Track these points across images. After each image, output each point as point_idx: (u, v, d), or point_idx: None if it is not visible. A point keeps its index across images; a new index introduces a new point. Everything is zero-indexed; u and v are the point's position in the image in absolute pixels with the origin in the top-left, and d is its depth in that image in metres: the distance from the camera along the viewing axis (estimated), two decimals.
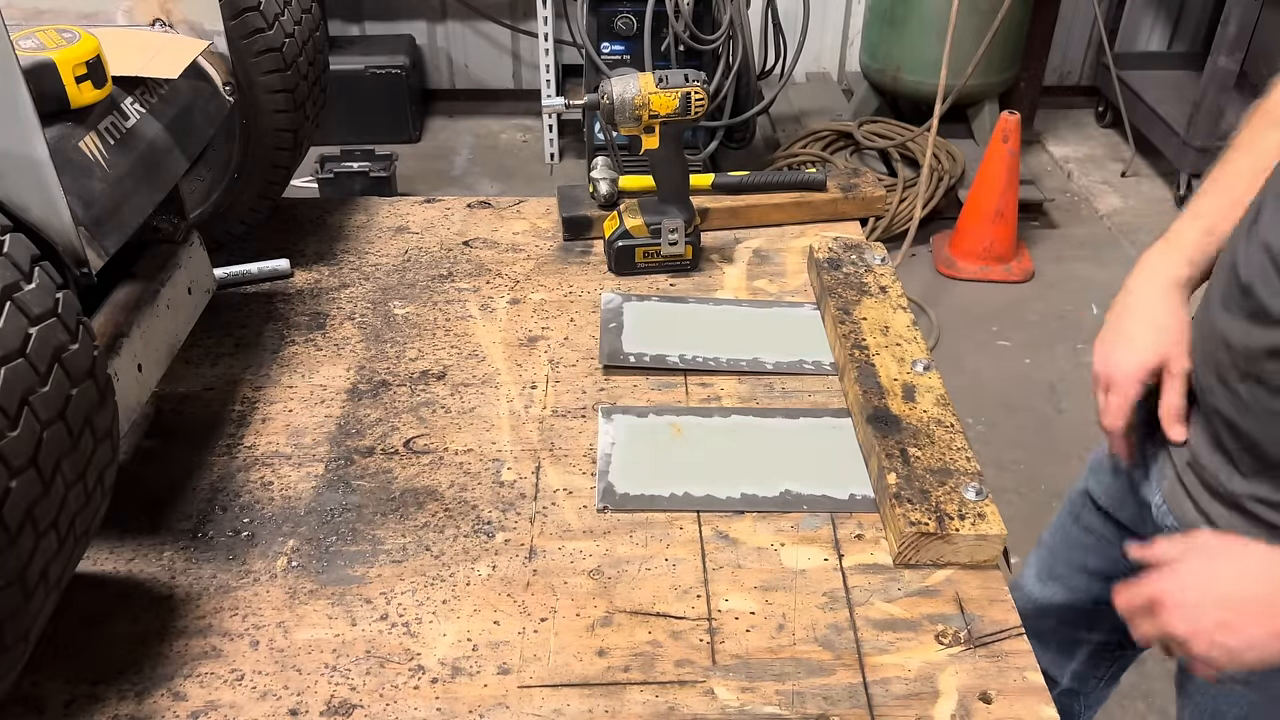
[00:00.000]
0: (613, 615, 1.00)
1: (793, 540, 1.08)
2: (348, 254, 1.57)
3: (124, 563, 1.05)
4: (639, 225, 1.49)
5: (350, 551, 1.07)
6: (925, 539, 1.02)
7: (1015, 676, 0.94)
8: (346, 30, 4.68)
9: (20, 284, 0.76)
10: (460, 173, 4.38)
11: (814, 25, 3.85)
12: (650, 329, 1.38)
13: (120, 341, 1.02)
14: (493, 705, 0.91)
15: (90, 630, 0.98)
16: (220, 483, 1.15)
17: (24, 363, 0.74)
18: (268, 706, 0.91)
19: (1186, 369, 1.07)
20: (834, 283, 1.40)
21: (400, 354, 1.36)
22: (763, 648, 0.97)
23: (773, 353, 1.35)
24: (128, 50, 1.10)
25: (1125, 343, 1.11)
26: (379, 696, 0.92)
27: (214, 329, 1.39)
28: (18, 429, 0.72)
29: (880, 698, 0.92)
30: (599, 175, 1.60)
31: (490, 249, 1.59)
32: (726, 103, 3.59)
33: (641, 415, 1.24)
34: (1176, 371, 1.08)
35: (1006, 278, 3.63)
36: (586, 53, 3.58)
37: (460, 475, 1.16)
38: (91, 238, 0.93)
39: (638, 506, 1.12)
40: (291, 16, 1.37)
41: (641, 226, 1.49)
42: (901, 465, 1.09)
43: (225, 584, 1.03)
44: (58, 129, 0.95)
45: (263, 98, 1.35)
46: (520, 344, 1.38)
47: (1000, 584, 1.03)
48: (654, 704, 0.91)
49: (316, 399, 1.28)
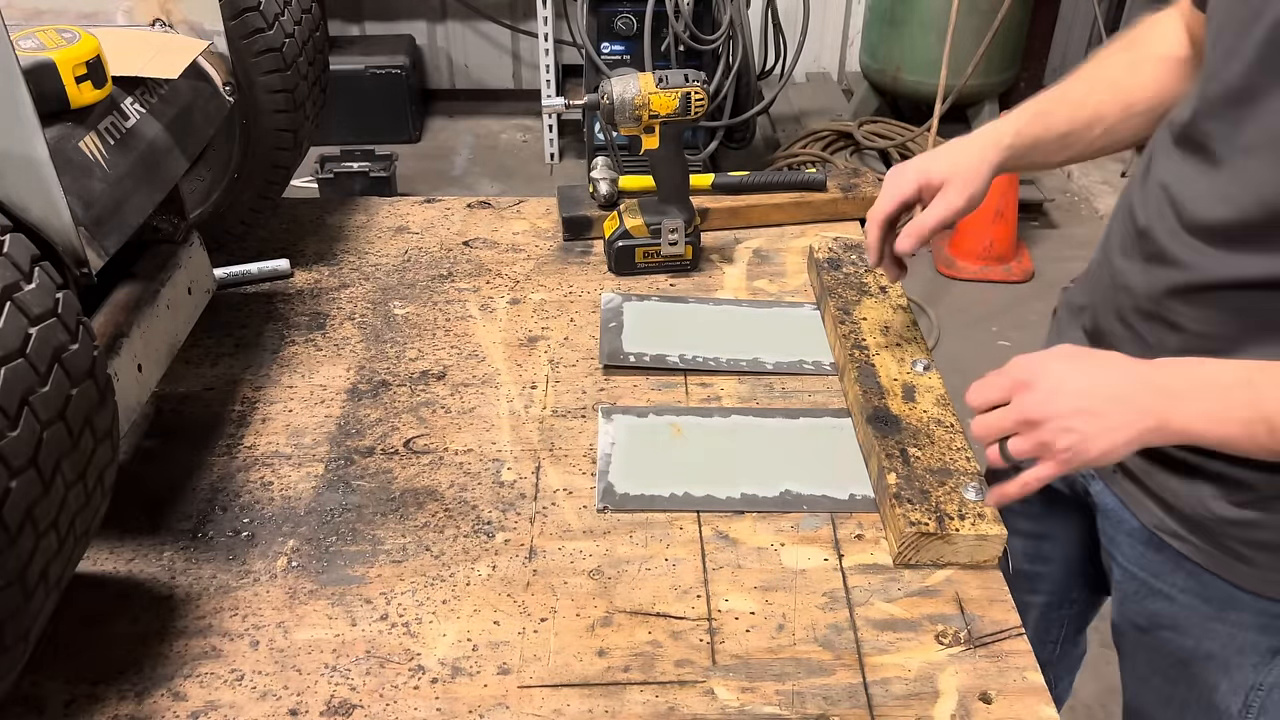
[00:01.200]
0: (613, 615, 1.00)
1: (793, 540, 1.08)
2: (348, 254, 1.57)
3: (124, 563, 1.05)
4: (639, 225, 1.49)
5: (350, 551, 1.07)
6: (925, 539, 1.02)
7: (1015, 676, 0.94)
8: (346, 30, 4.68)
9: (20, 284, 0.76)
10: (460, 173, 4.39)
11: (814, 25, 3.85)
12: (650, 329, 1.38)
13: (120, 341, 1.02)
14: (493, 705, 0.91)
15: (90, 630, 0.98)
16: (220, 483, 1.15)
17: (24, 363, 0.74)
18: (268, 706, 0.91)
19: (957, 206, 1.13)
20: (834, 283, 1.40)
21: (400, 354, 1.36)
22: (763, 648, 0.97)
23: (773, 353, 1.35)
24: (128, 50, 1.10)
25: (917, 162, 1.19)
26: (379, 696, 0.92)
27: (214, 329, 1.39)
28: (18, 429, 0.72)
29: (880, 698, 0.92)
30: (599, 175, 1.60)
31: (490, 249, 1.59)
32: (726, 103, 3.60)
33: (641, 415, 1.24)
34: (945, 197, 1.13)
35: (1006, 278, 3.64)
36: (586, 53, 3.59)
37: (460, 475, 1.16)
38: (91, 238, 0.93)
39: (638, 506, 1.12)
40: (291, 16, 1.37)
41: (641, 226, 1.49)
42: (901, 465, 1.09)
43: (225, 584, 1.03)
44: (58, 129, 0.95)
45: (263, 98, 1.35)
46: (520, 344, 1.38)
47: (1000, 584, 1.03)
48: (654, 704, 0.91)
49: (316, 399, 1.28)
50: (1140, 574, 1.12)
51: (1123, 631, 1.21)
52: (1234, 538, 1.00)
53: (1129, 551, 1.14)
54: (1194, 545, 1.04)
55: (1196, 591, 1.06)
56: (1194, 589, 1.06)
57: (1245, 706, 1.10)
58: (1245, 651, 1.06)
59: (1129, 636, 1.19)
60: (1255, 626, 1.05)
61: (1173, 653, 1.13)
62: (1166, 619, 1.11)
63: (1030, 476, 0.94)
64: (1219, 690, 1.10)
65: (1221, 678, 1.09)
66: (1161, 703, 1.19)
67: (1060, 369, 0.93)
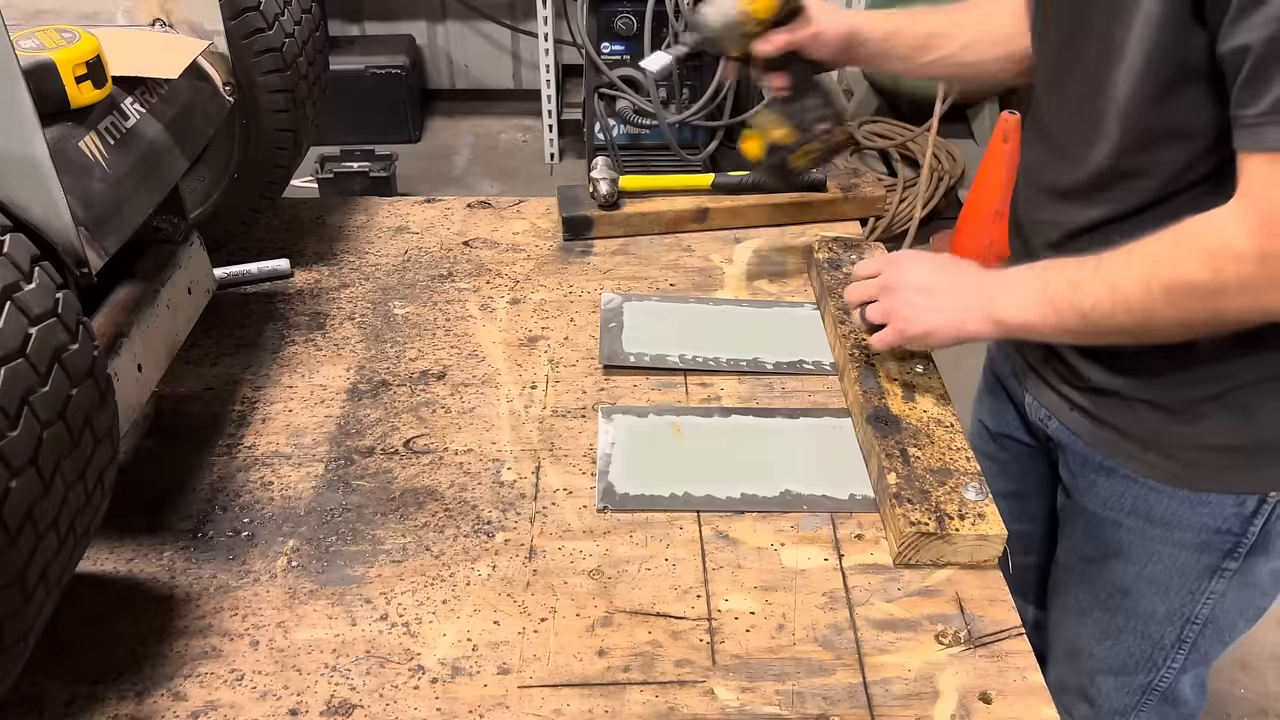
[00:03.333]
0: (613, 615, 1.00)
1: (793, 540, 1.08)
2: (348, 254, 1.57)
3: (124, 563, 1.05)
4: (784, 132, 1.35)
5: (350, 551, 1.07)
6: (925, 539, 1.02)
7: (1015, 676, 0.94)
8: (346, 30, 4.68)
9: (20, 284, 0.76)
10: (460, 173, 4.38)
11: None
12: (650, 329, 1.38)
13: (120, 341, 1.02)
14: (493, 705, 0.91)
15: (90, 630, 0.98)
16: (220, 483, 1.15)
17: (24, 363, 0.74)
18: (268, 706, 0.91)
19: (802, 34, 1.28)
20: (834, 283, 1.40)
21: (400, 354, 1.36)
22: (763, 648, 0.97)
23: (773, 353, 1.35)
24: (128, 50, 1.10)
25: None
26: (379, 696, 0.92)
27: (214, 329, 1.39)
28: (18, 429, 0.72)
29: (880, 698, 0.92)
30: (599, 175, 1.60)
31: (490, 249, 1.59)
32: (726, 103, 3.59)
33: (641, 415, 1.24)
34: None
35: None
36: (586, 53, 3.58)
37: (460, 475, 1.16)
38: (91, 238, 0.93)
39: (638, 506, 1.12)
40: (291, 16, 1.37)
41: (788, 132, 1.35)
42: (901, 465, 1.09)
43: (225, 584, 1.03)
44: (58, 129, 0.95)
45: (263, 98, 1.35)
46: (520, 344, 1.38)
47: (1000, 584, 1.03)
48: (654, 704, 0.91)
49: (316, 399, 1.28)
50: (1091, 505, 1.21)
51: (1067, 567, 1.30)
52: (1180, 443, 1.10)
53: (1081, 483, 1.22)
54: (1144, 461, 1.13)
55: (1142, 514, 1.15)
56: (1140, 511, 1.15)
57: (1179, 640, 1.21)
58: (1184, 574, 1.16)
59: (1073, 571, 1.28)
60: (1194, 545, 1.14)
61: (1116, 581, 1.21)
62: (1113, 545, 1.20)
63: (877, 335, 1.16)
64: (1155, 617, 1.20)
65: (1160, 603, 1.19)
66: (1099, 635, 1.27)
67: (921, 261, 1.15)
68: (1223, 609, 1.18)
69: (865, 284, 1.18)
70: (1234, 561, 1.14)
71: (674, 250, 1.58)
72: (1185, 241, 0.93)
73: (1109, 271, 0.99)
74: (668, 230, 1.62)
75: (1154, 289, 0.95)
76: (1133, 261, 0.97)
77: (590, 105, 3.73)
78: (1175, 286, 0.94)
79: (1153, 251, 0.96)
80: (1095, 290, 0.99)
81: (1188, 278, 0.93)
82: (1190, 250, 0.93)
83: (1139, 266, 0.96)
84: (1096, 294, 0.99)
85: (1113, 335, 1.02)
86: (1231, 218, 0.90)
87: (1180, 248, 0.94)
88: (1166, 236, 0.95)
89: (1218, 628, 1.20)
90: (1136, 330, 0.99)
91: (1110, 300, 0.98)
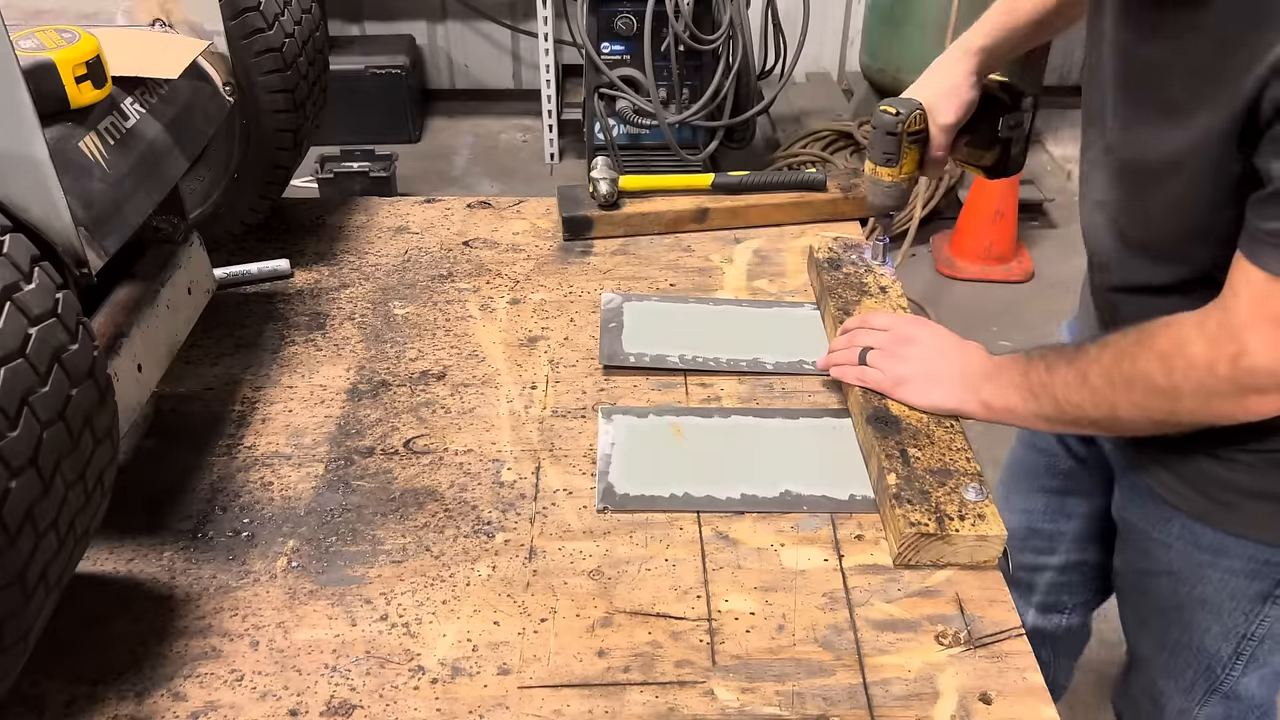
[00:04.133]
0: (613, 616, 1.00)
1: (793, 541, 1.08)
2: (348, 254, 1.57)
3: (124, 563, 1.05)
4: (992, 154, 1.36)
5: (350, 552, 1.07)
6: (925, 539, 1.02)
7: (1015, 677, 0.94)
8: (346, 30, 4.68)
9: (20, 284, 0.76)
10: (460, 173, 4.38)
11: (814, 25, 3.85)
12: (650, 329, 1.38)
13: (120, 341, 1.02)
14: (493, 706, 0.91)
15: (90, 630, 0.98)
16: (220, 483, 1.15)
17: (24, 363, 0.74)
18: (268, 707, 0.91)
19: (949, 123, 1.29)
20: (834, 283, 1.40)
21: (400, 354, 1.36)
22: (763, 648, 0.97)
23: (773, 353, 1.35)
24: (128, 50, 1.10)
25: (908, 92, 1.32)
26: (379, 697, 0.92)
27: (214, 329, 1.39)
28: (18, 429, 0.72)
29: (880, 698, 0.92)
30: (599, 175, 1.60)
31: (490, 249, 1.59)
32: (726, 103, 3.59)
33: (641, 415, 1.24)
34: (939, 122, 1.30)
35: (1006, 278, 3.63)
36: (586, 53, 3.58)
37: (460, 475, 1.16)
38: (91, 238, 0.93)
39: (638, 507, 1.12)
40: (291, 16, 1.37)
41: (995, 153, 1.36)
42: (901, 466, 1.09)
43: (225, 584, 1.03)
44: (58, 129, 0.95)
45: (263, 98, 1.35)
46: (520, 344, 1.38)
47: (1000, 584, 1.03)
48: (654, 704, 0.91)
49: (316, 399, 1.28)
50: (1140, 524, 1.21)
51: (1124, 575, 1.30)
52: (1217, 486, 1.09)
53: (1131, 503, 1.22)
54: (1182, 496, 1.13)
55: (1190, 540, 1.14)
56: (1188, 537, 1.14)
57: (1236, 654, 1.20)
58: (1236, 597, 1.14)
59: (1130, 579, 1.29)
60: (1245, 573, 1.13)
61: (1169, 596, 1.21)
62: (1163, 565, 1.19)
63: (858, 371, 1.19)
64: (1210, 633, 1.19)
65: (1214, 622, 1.18)
66: (1157, 646, 1.28)
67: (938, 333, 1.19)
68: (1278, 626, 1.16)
69: (875, 334, 1.21)
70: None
71: (674, 250, 1.58)
72: (1148, 339, 0.95)
73: (1083, 362, 1.01)
74: (668, 230, 1.62)
75: (1116, 382, 0.97)
76: (1103, 354, 0.99)
77: (590, 105, 3.75)
78: (1134, 383, 0.95)
79: (1120, 346, 0.98)
80: (1068, 379, 1.01)
81: (1145, 376, 0.95)
82: (1149, 349, 0.95)
83: (1107, 359, 0.98)
84: (1069, 383, 1.01)
85: (1085, 426, 1.04)
86: (1193, 322, 0.92)
87: (1143, 345, 0.95)
88: (1133, 332, 0.97)
89: (1275, 641, 1.18)
90: (1103, 422, 1.01)
91: (1079, 391, 1.00)
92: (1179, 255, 1.02)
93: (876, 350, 1.19)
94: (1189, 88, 0.91)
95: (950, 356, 1.16)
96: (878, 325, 1.23)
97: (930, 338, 1.19)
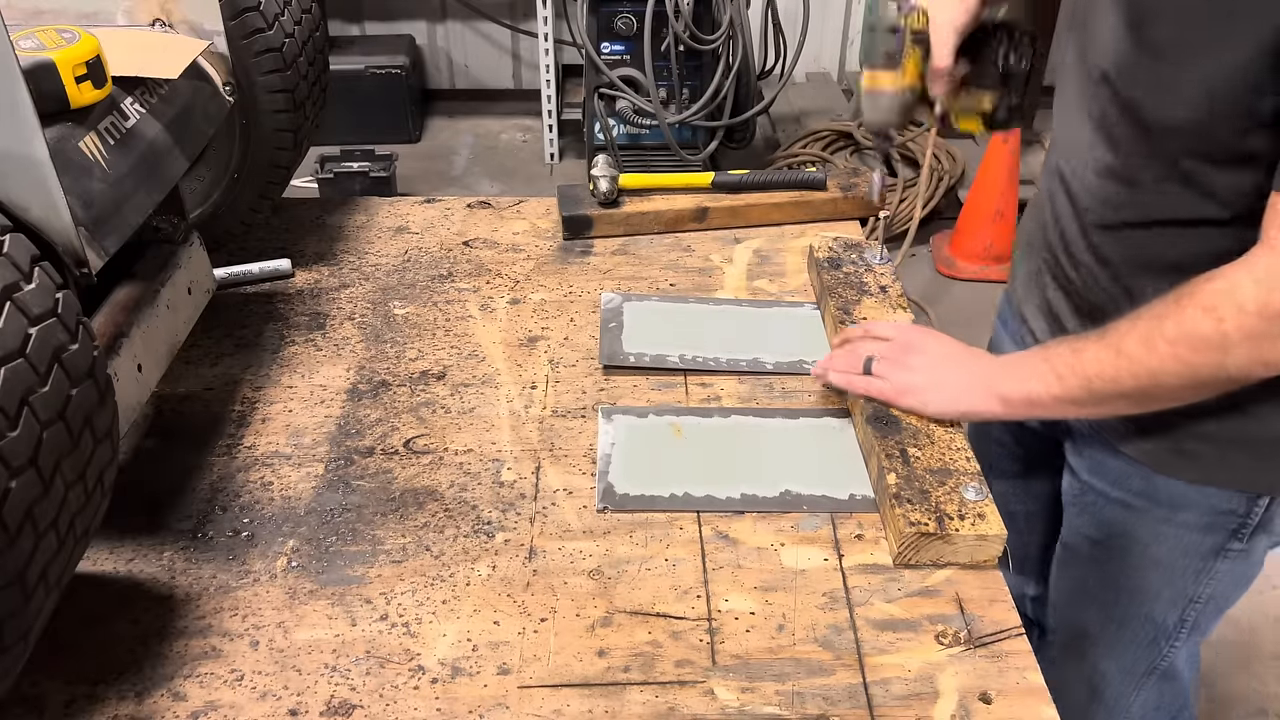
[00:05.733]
0: (613, 615, 1.00)
1: (793, 540, 1.08)
2: (348, 254, 1.57)
3: (124, 563, 1.05)
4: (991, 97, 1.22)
5: (350, 552, 1.07)
6: (925, 539, 1.02)
7: (1015, 677, 0.94)
8: (346, 30, 4.68)
9: (20, 284, 0.76)
10: (460, 173, 4.38)
11: (814, 25, 3.85)
12: (650, 329, 1.38)
13: (120, 341, 1.02)
14: (493, 705, 0.91)
15: (90, 630, 0.98)
16: (220, 483, 1.15)
17: (24, 363, 0.74)
18: (267, 707, 0.91)
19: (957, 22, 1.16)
20: (834, 282, 1.40)
21: (400, 354, 1.36)
22: (763, 648, 0.97)
23: (773, 353, 1.35)
24: (128, 50, 1.10)
25: None
26: (379, 697, 0.92)
27: (214, 329, 1.39)
28: (18, 429, 0.72)
29: (880, 698, 0.92)
30: (599, 173, 1.60)
31: (490, 249, 1.59)
32: (726, 103, 3.59)
33: (641, 415, 1.24)
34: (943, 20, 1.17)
35: (1006, 277, 3.63)
36: (586, 53, 3.58)
37: (460, 475, 1.16)
38: (91, 238, 0.93)
39: (638, 507, 1.12)
40: (291, 16, 1.37)
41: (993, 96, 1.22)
42: (901, 465, 1.09)
43: (225, 584, 1.03)
44: (58, 129, 0.95)
45: (263, 98, 1.35)
46: (520, 344, 1.38)
47: (1000, 584, 1.03)
48: (654, 704, 0.91)
49: (316, 399, 1.28)
50: (1099, 484, 1.21)
51: (1073, 548, 1.29)
52: (1181, 434, 1.09)
53: (1089, 462, 1.22)
54: (1145, 450, 1.13)
55: (1149, 494, 1.15)
56: (1147, 492, 1.15)
57: (1180, 621, 1.21)
58: (1189, 554, 1.17)
59: (1079, 551, 1.28)
60: (1200, 526, 1.14)
61: (1121, 562, 1.21)
62: (1120, 525, 1.20)
63: (864, 381, 1.17)
64: (1160, 600, 1.20)
65: (1164, 586, 1.19)
66: (1105, 620, 1.28)
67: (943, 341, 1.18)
68: (1222, 586, 1.19)
69: (878, 344, 1.20)
70: (1239, 542, 1.14)
71: (674, 250, 1.58)
72: (1188, 297, 0.93)
73: (1114, 337, 0.99)
74: (668, 229, 1.62)
75: (1159, 345, 0.94)
76: (1137, 323, 0.97)
77: (590, 105, 3.75)
78: (1179, 339, 0.93)
79: (1158, 309, 0.96)
80: (1100, 356, 0.99)
81: (1191, 329, 0.92)
82: (1194, 302, 0.93)
83: (1143, 325, 0.96)
84: (1101, 360, 0.99)
85: (1117, 402, 1.02)
86: (1242, 267, 0.90)
87: (1183, 303, 0.94)
88: (1171, 295, 0.95)
89: (1216, 604, 1.21)
90: (1142, 393, 0.99)
91: (1114, 364, 0.98)
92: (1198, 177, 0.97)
93: (882, 359, 1.17)
94: None
95: (958, 362, 1.15)
96: (881, 334, 1.22)
97: (936, 345, 1.18)
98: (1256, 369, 0.93)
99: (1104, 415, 1.09)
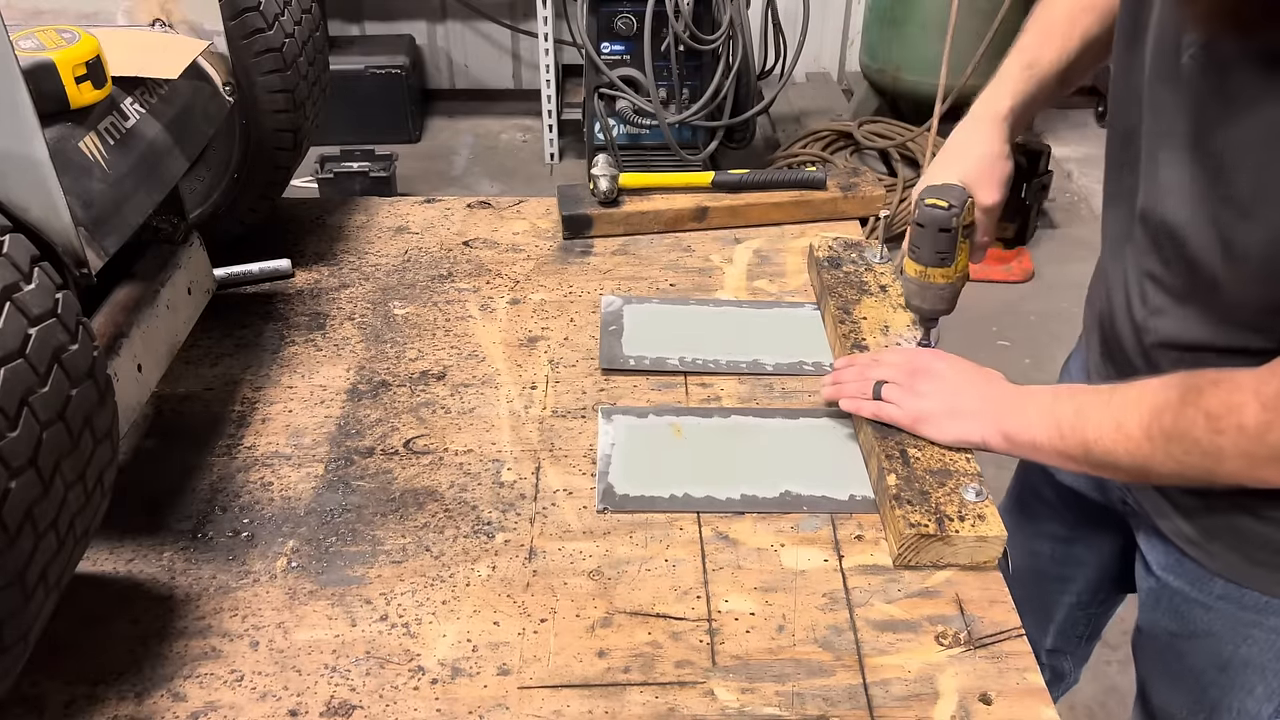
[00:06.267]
0: (613, 616, 1.00)
1: (793, 541, 1.08)
2: (348, 254, 1.57)
3: (124, 563, 1.05)
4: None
5: (350, 552, 1.07)
6: (925, 540, 1.02)
7: (1015, 678, 0.94)
8: (346, 30, 4.68)
9: (20, 284, 0.76)
10: (460, 173, 4.38)
11: (814, 25, 3.85)
12: (650, 331, 1.38)
13: (120, 341, 1.02)
14: (492, 706, 0.91)
15: (90, 630, 0.98)
16: (220, 483, 1.15)
17: (24, 363, 0.74)
18: (267, 707, 0.91)
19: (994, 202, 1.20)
20: (834, 282, 1.40)
21: (400, 354, 1.36)
22: (763, 649, 0.97)
23: (773, 353, 1.34)
24: (128, 50, 1.10)
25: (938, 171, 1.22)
26: (379, 697, 0.92)
27: (214, 329, 1.39)
28: (17, 429, 0.72)
29: (880, 699, 0.92)
30: (599, 171, 1.60)
31: (490, 249, 1.59)
32: (726, 103, 3.60)
33: (641, 416, 1.24)
34: (984, 204, 1.20)
35: (1006, 278, 3.63)
36: (586, 53, 3.59)
37: (460, 476, 1.16)
38: (91, 238, 0.93)
39: (637, 507, 1.12)
40: (291, 16, 1.37)
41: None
42: (901, 466, 1.09)
43: (225, 584, 1.03)
44: (58, 129, 0.95)
45: (263, 98, 1.35)
46: (520, 344, 1.38)
47: (1000, 585, 1.03)
48: (654, 705, 0.91)
49: (316, 399, 1.28)
50: (1175, 582, 1.12)
51: (1152, 635, 1.20)
52: (1254, 545, 1.01)
53: (1164, 559, 1.13)
54: (1216, 556, 1.05)
55: (1234, 601, 1.07)
56: (1231, 595, 1.07)
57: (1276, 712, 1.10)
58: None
59: (1160, 640, 1.19)
60: None
61: (1209, 657, 1.13)
62: (1202, 625, 1.11)
63: (874, 405, 1.14)
64: (1254, 694, 1.11)
65: (1258, 681, 1.10)
66: (1193, 706, 1.18)
67: (955, 364, 1.15)
68: None
69: (889, 368, 1.17)
70: None
71: (674, 250, 1.58)
72: (1194, 395, 0.89)
73: (1117, 408, 0.96)
74: (668, 229, 1.62)
75: (1155, 436, 0.92)
76: (1142, 403, 0.94)
77: (590, 105, 3.75)
78: (1174, 439, 0.91)
79: (1163, 398, 0.92)
80: (1101, 424, 0.97)
81: (1188, 433, 0.90)
82: (1195, 406, 0.89)
83: (1146, 410, 0.93)
84: (1101, 428, 0.97)
85: (1111, 472, 1.00)
86: (1250, 385, 0.86)
87: (1188, 402, 0.90)
88: (1176, 383, 0.92)
89: None
90: (1134, 472, 0.97)
91: (1112, 438, 0.96)
92: None
93: (893, 385, 1.14)
94: None
95: (972, 387, 1.12)
96: (891, 360, 1.18)
97: (948, 370, 1.14)
98: (1246, 482, 0.91)
99: (1104, 476, 1.06)
